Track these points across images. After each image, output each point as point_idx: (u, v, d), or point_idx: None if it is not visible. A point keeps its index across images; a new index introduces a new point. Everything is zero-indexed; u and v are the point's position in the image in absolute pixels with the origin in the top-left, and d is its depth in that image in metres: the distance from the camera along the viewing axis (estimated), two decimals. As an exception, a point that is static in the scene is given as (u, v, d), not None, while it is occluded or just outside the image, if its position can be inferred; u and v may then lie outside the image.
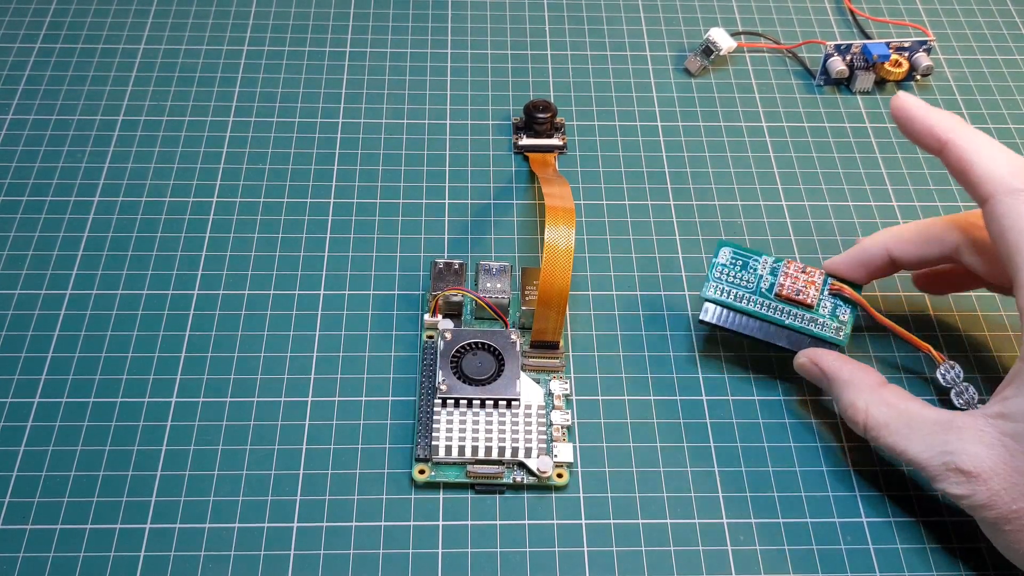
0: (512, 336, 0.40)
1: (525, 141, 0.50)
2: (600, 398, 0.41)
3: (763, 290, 0.40)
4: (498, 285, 0.42)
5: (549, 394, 0.40)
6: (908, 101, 0.37)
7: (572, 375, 0.41)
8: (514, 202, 0.48)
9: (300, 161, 0.49)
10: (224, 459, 0.38)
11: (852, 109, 0.53)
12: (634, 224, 0.47)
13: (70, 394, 0.40)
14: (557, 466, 0.38)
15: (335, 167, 0.49)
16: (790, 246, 0.46)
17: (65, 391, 0.40)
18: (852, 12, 0.58)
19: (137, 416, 0.39)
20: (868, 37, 0.57)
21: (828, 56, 0.53)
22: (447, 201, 0.48)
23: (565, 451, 0.38)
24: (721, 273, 0.40)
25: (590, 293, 0.44)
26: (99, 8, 0.57)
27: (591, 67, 0.55)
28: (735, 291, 0.40)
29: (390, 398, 0.40)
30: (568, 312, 0.43)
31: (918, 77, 0.54)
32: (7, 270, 0.44)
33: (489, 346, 0.40)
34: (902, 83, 0.55)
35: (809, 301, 0.39)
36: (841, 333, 0.39)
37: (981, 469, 0.33)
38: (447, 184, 0.49)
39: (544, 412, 0.39)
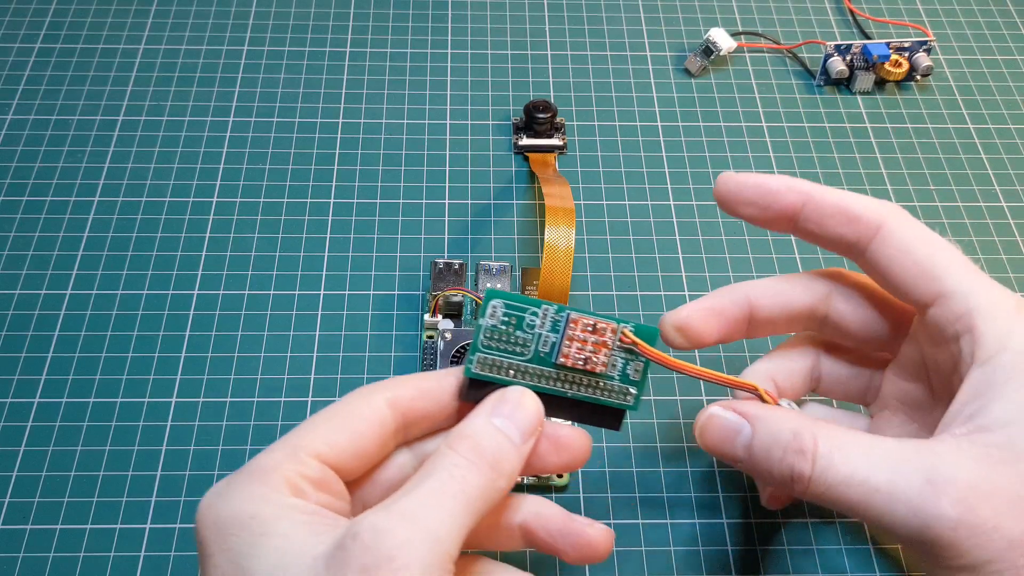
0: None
1: (525, 141, 0.50)
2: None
3: (541, 354, 0.30)
4: (498, 285, 0.42)
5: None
6: (736, 176, 0.33)
7: (572, 375, 0.41)
8: (514, 202, 0.48)
9: (300, 161, 0.49)
10: (224, 459, 0.38)
11: (852, 109, 0.53)
12: (634, 224, 0.47)
13: (70, 394, 0.40)
14: (557, 466, 0.38)
15: (335, 167, 0.49)
16: (790, 246, 0.46)
17: (65, 391, 0.40)
18: (852, 12, 0.58)
19: (137, 416, 0.39)
20: (868, 37, 0.57)
21: (828, 56, 0.53)
22: (447, 201, 0.48)
23: (565, 451, 0.38)
24: (491, 338, 0.30)
25: (590, 293, 0.44)
26: (99, 8, 0.57)
27: (591, 67, 0.55)
28: (506, 361, 0.30)
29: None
30: (568, 312, 0.43)
31: (918, 77, 0.54)
32: (7, 270, 0.44)
33: (489, 346, 0.40)
34: (902, 83, 0.55)
35: (597, 369, 0.31)
36: (631, 396, 0.31)
37: (978, 481, 0.27)
38: (447, 184, 0.49)
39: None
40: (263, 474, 0.27)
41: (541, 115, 0.50)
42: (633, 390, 0.31)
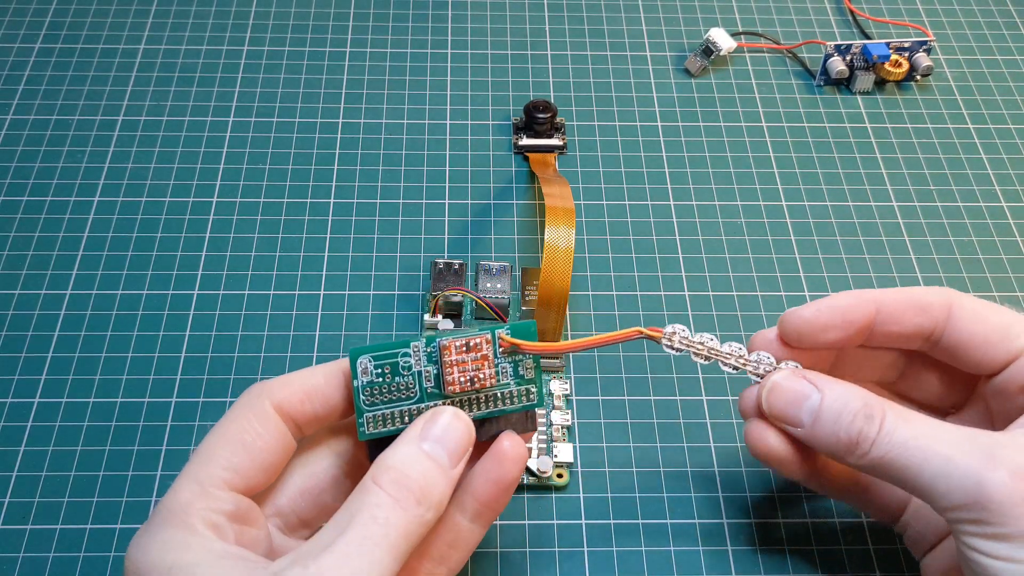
0: (512, 336, 0.40)
1: (525, 141, 0.50)
2: (600, 398, 0.41)
3: (429, 390, 0.30)
4: (498, 285, 0.42)
5: (549, 394, 0.40)
6: (800, 310, 0.33)
7: (572, 375, 0.41)
8: (514, 202, 0.48)
9: (300, 161, 0.49)
10: (224, 459, 0.38)
11: (852, 109, 0.53)
12: (634, 224, 0.47)
13: (70, 394, 0.40)
14: (557, 466, 0.38)
15: (335, 167, 0.49)
16: (790, 246, 0.46)
17: (65, 391, 0.40)
18: (852, 12, 0.58)
19: (137, 416, 0.39)
20: (868, 37, 0.57)
21: (828, 56, 0.53)
22: (447, 201, 0.48)
23: (565, 451, 0.38)
24: (372, 395, 0.29)
25: (590, 293, 0.44)
26: (99, 8, 0.57)
27: (591, 67, 0.55)
28: (396, 409, 0.30)
29: (390, 398, 0.40)
30: (568, 312, 0.43)
31: (918, 77, 0.54)
32: (7, 270, 0.44)
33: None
34: (902, 83, 0.55)
35: (487, 383, 0.30)
36: (532, 393, 0.31)
37: None
38: (447, 184, 0.49)
39: (544, 412, 0.39)
40: (177, 517, 0.26)
41: (541, 115, 0.50)
42: (533, 388, 0.31)
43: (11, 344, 0.42)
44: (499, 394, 0.30)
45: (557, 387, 0.40)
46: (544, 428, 0.39)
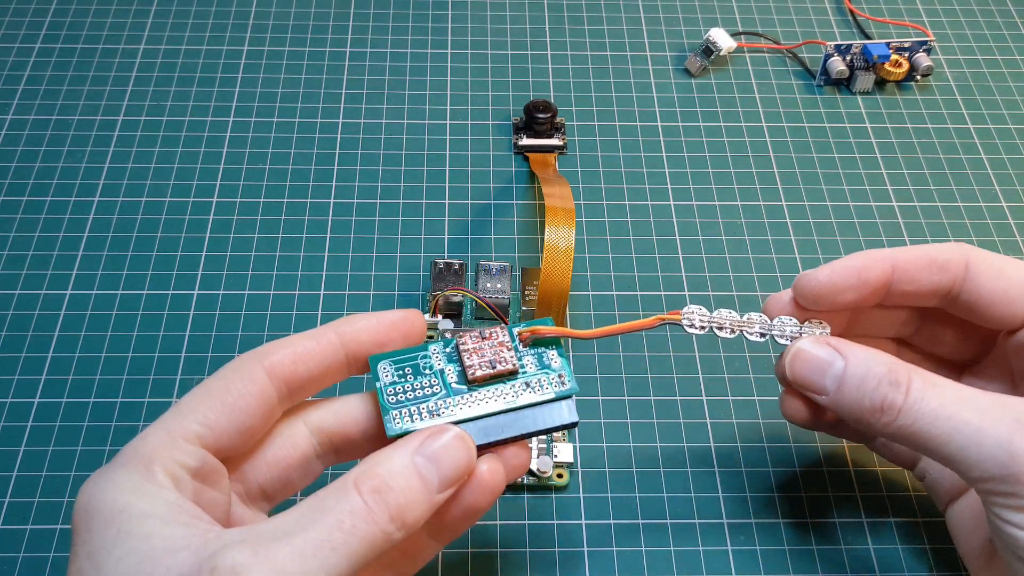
0: (512, 336, 0.40)
1: (525, 141, 0.50)
2: (600, 398, 0.41)
3: (454, 386, 0.29)
4: (498, 285, 0.42)
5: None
6: (815, 272, 0.32)
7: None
8: (514, 202, 0.48)
9: (300, 161, 0.49)
10: (224, 459, 0.38)
11: (852, 109, 0.53)
12: (634, 224, 0.47)
13: (70, 394, 0.40)
14: (557, 466, 0.38)
15: (335, 167, 0.49)
16: (790, 246, 0.46)
17: (65, 391, 0.40)
18: (852, 12, 0.58)
19: (137, 416, 0.39)
20: (868, 37, 0.57)
21: (828, 56, 0.53)
22: (447, 201, 0.48)
23: (565, 451, 0.38)
24: (395, 393, 0.29)
25: (590, 293, 0.44)
26: (99, 8, 0.57)
27: (591, 67, 0.55)
28: (423, 404, 0.29)
29: (390, 398, 0.40)
30: (568, 312, 0.43)
31: (918, 77, 0.54)
32: (7, 270, 0.44)
33: (489, 346, 0.40)
34: (902, 83, 0.55)
35: (510, 367, 0.30)
36: (565, 379, 0.30)
37: None
38: (447, 184, 0.49)
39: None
40: (140, 463, 0.25)
41: (541, 115, 0.50)
42: (564, 374, 0.30)
43: (11, 344, 0.42)
44: (530, 383, 0.30)
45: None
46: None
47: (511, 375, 0.30)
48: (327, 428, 0.29)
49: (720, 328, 0.32)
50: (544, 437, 0.38)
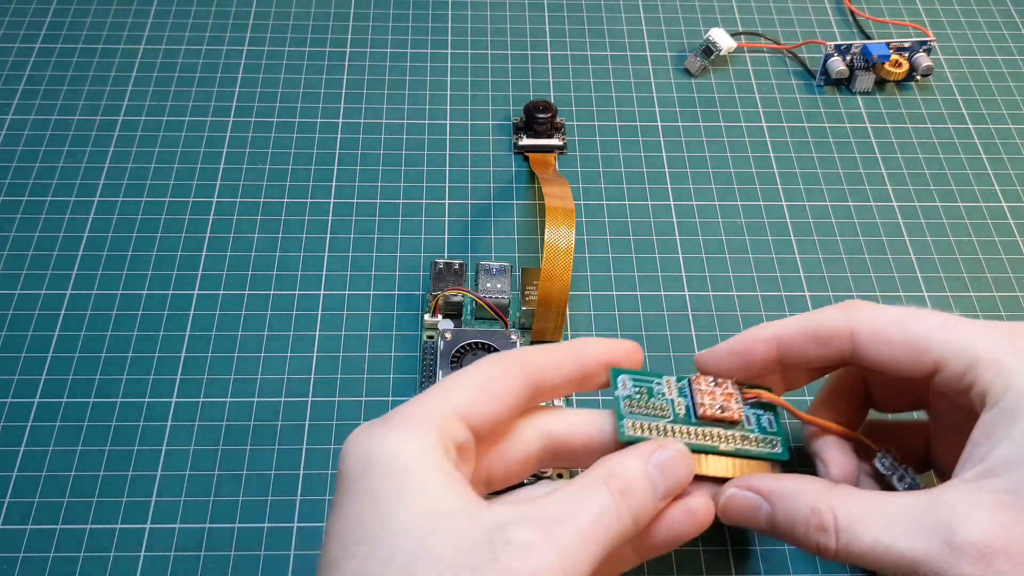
0: (512, 336, 0.40)
1: (525, 141, 0.50)
2: (600, 398, 0.41)
3: (680, 416, 0.32)
4: (498, 285, 0.42)
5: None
6: (710, 351, 0.34)
7: (572, 375, 0.41)
8: (514, 202, 0.48)
9: (300, 161, 0.49)
10: (224, 459, 0.38)
11: (852, 109, 0.53)
12: (634, 224, 0.47)
13: (70, 394, 0.40)
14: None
15: (335, 167, 0.49)
16: (790, 246, 0.46)
17: (65, 391, 0.40)
18: (852, 12, 0.58)
19: (137, 416, 0.39)
20: (868, 37, 0.57)
21: (828, 56, 0.53)
22: (447, 201, 0.48)
23: (565, 451, 0.38)
24: (631, 405, 0.32)
25: (590, 293, 0.44)
26: (99, 8, 0.57)
27: (591, 67, 0.55)
28: (655, 423, 0.32)
29: (390, 398, 0.40)
30: (568, 312, 0.43)
31: (918, 77, 0.54)
32: (7, 270, 0.44)
33: (489, 346, 0.40)
34: (902, 83, 0.55)
35: (735, 416, 0.32)
36: (777, 444, 0.33)
37: (993, 536, 0.27)
38: (447, 184, 0.49)
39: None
40: (417, 427, 0.27)
41: (541, 115, 0.50)
42: (776, 439, 0.33)
43: (11, 344, 0.42)
44: (746, 435, 0.32)
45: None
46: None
47: (732, 424, 0.32)
48: (556, 434, 0.31)
49: (899, 479, 0.33)
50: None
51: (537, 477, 0.37)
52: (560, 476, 0.37)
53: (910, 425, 0.36)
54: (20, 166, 0.49)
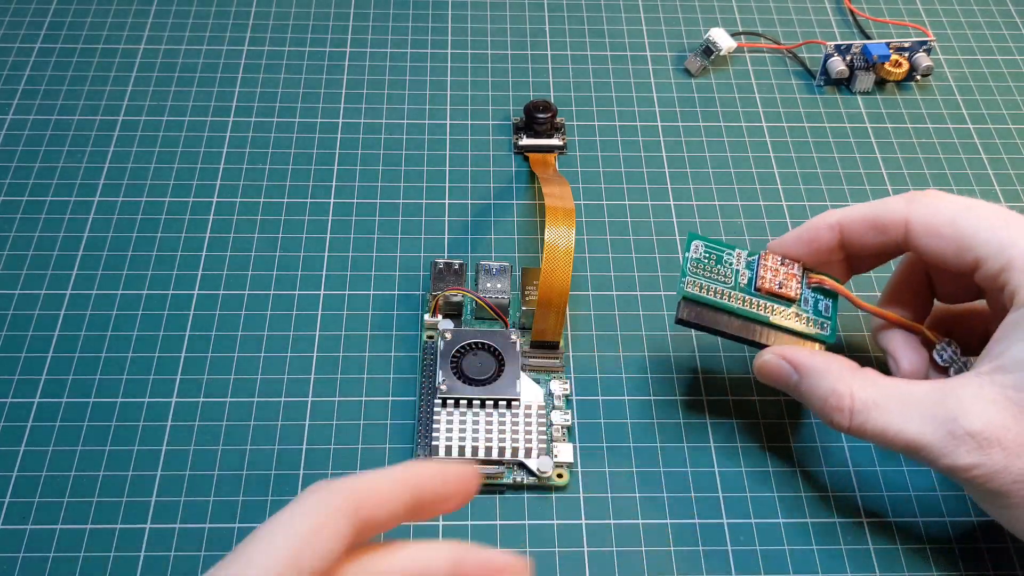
0: (512, 336, 0.40)
1: (525, 141, 0.50)
2: (600, 398, 0.41)
3: (741, 285, 0.37)
4: (498, 285, 0.42)
5: (549, 394, 0.40)
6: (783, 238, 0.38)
7: (572, 375, 0.41)
8: (514, 202, 0.48)
9: (300, 161, 0.49)
10: (224, 459, 0.38)
11: (852, 109, 0.53)
12: (634, 224, 0.47)
13: (70, 394, 0.40)
14: (557, 466, 0.38)
15: (335, 167, 0.49)
16: (790, 246, 0.46)
17: (65, 391, 0.40)
18: (852, 12, 0.58)
19: (137, 416, 0.39)
20: (868, 37, 0.57)
21: (828, 56, 0.53)
22: (447, 201, 0.48)
23: (565, 451, 0.38)
24: (696, 268, 0.37)
25: (590, 293, 0.44)
26: (99, 8, 0.57)
27: (591, 67, 0.55)
28: (713, 287, 0.36)
29: (390, 398, 0.40)
30: (568, 312, 0.43)
31: (918, 77, 0.54)
32: (7, 270, 0.44)
33: (489, 346, 0.40)
34: (902, 83, 0.55)
35: (791, 294, 0.36)
36: (827, 327, 0.37)
37: (992, 428, 0.30)
38: (447, 184, 0.49)
39: (544, 412, 0.39)
40: None
41: (541, 115, 0.50)
42: (827, 323, 0.36)
43: (11, 344, 0.42)
44: (799, 313, 0.36)
45: (557, 387, 0.40)
46: (544, 428, 0.39)
47: (789, 301, 0.36)
48: None
49: (956, 371, 0.36)
50: (544, 436, 0.38)
51: None
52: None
53: (973, 313, 0.38)
54: (20, 166, 0.49)
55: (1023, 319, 0.31)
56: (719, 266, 0.37)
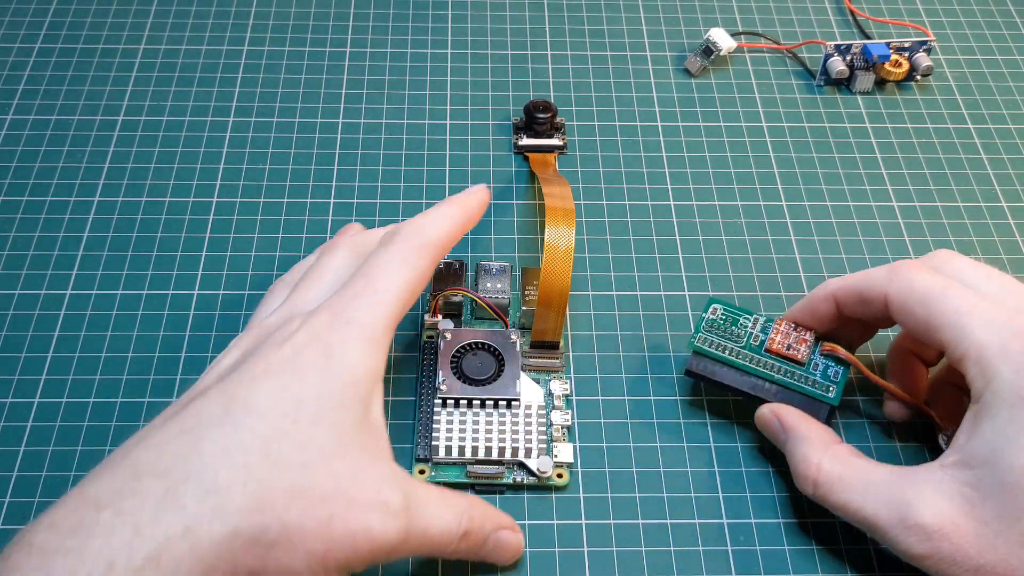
0: (512, 336, 0.40)
1: (525, 141, 0.50)
2: (600, 398, 0.41)
3: (753, 345, 0.39)
4: (498, 285, 0.42)
5: (549, 394, 0.40)
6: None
7: (572, 375, 0.41)
8: (514, 202, 0.48)
9: (300, 161, 0.49)
10: (224, 459, 0.38)
11: (852, 109, 0.53)
12: (634, 224, 0.47)
13: (70, 394, 0.40)
14: (557, 466, 0.38)
15: (335, 167, 0.49)
16: (790, 246, 0.46)
17: (65, 391, 0.40)
18: (852, 12, 0.58)
19: (137, 416, 0.39)
20: (868, 37, 0.57)
21: (828, 56, 0.53)
22: (447, 201, 0.48)
23: (565, 451, 0.38)
24: (710, 327, 0.39)
25: (590, 293, 0.44)
26: (99, 8, 0.57)
27: (591, 67, 0.55)
28: (724, 344, 0.39)
29: (390, 398, 0.40)
30: (568, 312, 0.43)
31: (918, 77, 0.54)
32: (7, 270, 0.44)
33: (489, 346, 0.40)
34: (902, 83, 0.55)
35: (800, 358, 0.38)
36: (831, 392, 0.38)
37: (943, 523, 0.31)
38: (447, 184, 0.49)
39: (544, 412, 0.39)
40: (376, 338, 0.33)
41: (541, 115, 0.50)
42: (832, 387, 0.38)
43: (11, 344, 0.42)
44: (806, 376, 0.38)
45: (557, 387, 0.40)
46: (544, 428, 0.39)
47: (797, 364, 0.38)
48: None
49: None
50: (544, 436, 0.38)
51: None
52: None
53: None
54: (20, 166, 0.49)
55: (982, 413, 0.32)
56: (733, 327, 0.39)
